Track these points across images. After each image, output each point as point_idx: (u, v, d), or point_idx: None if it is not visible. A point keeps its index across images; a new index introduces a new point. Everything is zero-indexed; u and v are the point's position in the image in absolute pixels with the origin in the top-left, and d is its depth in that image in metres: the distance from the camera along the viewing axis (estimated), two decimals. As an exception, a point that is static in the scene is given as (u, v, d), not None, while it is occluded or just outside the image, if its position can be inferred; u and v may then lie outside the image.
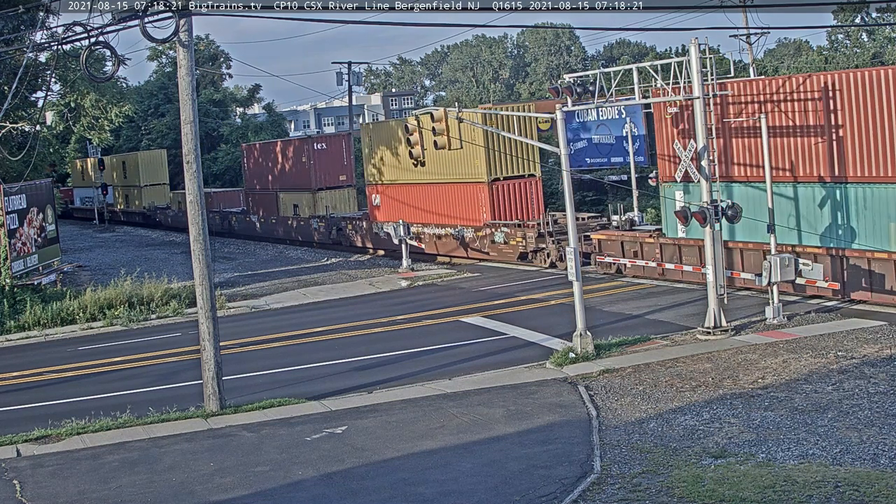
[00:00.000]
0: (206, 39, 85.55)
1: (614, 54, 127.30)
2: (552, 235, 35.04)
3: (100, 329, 31.48)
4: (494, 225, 37.53)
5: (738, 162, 27.12)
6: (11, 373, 25.59)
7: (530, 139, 33.52)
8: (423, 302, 31.47)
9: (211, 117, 77.20)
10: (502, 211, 37.87)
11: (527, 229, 36.05)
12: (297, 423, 18.48)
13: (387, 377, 21.76)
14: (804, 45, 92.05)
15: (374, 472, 15.35)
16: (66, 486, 15.87)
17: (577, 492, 13.68)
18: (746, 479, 13.44)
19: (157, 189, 68.81)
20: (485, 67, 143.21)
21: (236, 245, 55.21)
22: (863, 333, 21.67)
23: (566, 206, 23.00)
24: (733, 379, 19.02)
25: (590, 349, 21.78)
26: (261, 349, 26.39)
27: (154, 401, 20.49)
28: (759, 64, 57.40)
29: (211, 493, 15.02)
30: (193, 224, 19.85)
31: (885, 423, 15.62)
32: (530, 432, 16.76)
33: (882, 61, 57.86)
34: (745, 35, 48.99)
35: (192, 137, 19.71)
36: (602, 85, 24.88)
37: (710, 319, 22.98)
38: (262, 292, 36.38)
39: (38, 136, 38.50)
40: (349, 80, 68.33)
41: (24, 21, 37.45)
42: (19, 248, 35.54)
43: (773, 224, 24.24)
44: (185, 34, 19.04)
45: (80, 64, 21.12)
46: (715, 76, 24.16)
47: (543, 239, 35.28)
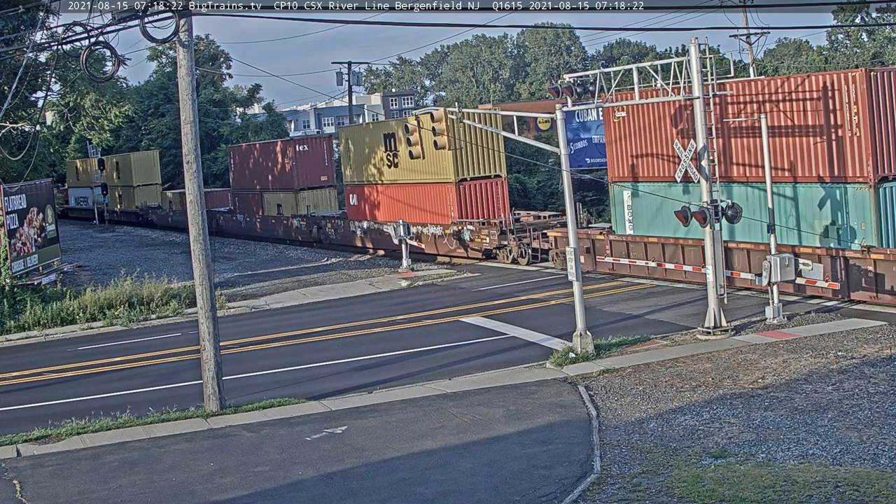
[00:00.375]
0: (206, 39, 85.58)
1: (614, 54, 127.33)
2: (514, 233, 36.84)
3: (100, 329, 31.48)
4: (461, 223, 38.83)
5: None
6: (11, 373, 25.60)
7: (528, 139, 33.52)
8: (423, 302, 31.47)
9: (211, 117, 77.18)
10: (470, 210, 39.29)
11: (490, 227, 37.51)
12: (297, 423, 18.48)
13: (387, 377, 21.76)
14: (804, 45, 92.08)
15: (374, 472, 15.35)
16: (66, 486, 15.87)
17: (577, 492, 13.68)
18: (746, 479, 13.44)
19: (150, 189, 70.11)
20: (485, 67, 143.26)
21: (236, 245, 55.24)
22: (863, 333, 21.67)
23: (566, 206, 23.00)
24: (733, 379, 19.02)
25: (590, 349, 21.78)
26: (261, 349, 26.39)
27: (154, 401, 20.50)
28: (759, 64, 57.41)
29: (211, 493, 15.02)
30: (193, 224, 19.84)
31: (885, 423, 15.62)
32: (530, 432, 16.76)
33: (882, 61, 57.86)
34: (745, 35, 49.00)
35: (192, 137, 19.71)
36: (602, 85, 24.87)
37: (710, 319, 22.98)
38: (262, 292, 36.38)
39: (38, 136, 38.50)
40: (349, 80, 68.33)
41: (24, 21, 37.46)
42: (19, 248, 35.55)
43: (773, 224, 24.25)
44: (185, 34, 19.04)
45: (80, 64, 21.13)
46: (715, 76, 24.16)
47: (506, 236, 36.91)
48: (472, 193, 39.41)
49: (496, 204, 39.47)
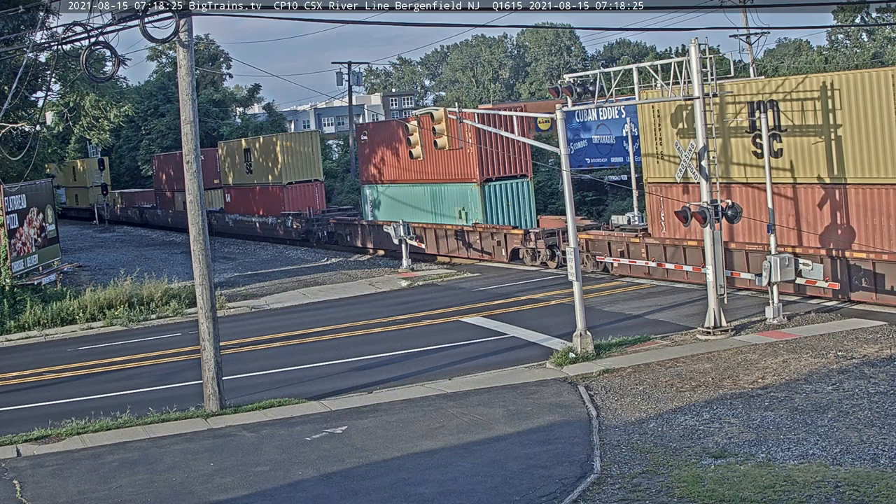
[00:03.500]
0: (206, 39, 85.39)
1: (614, 54, 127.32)
2: (539, 237, 37.30)
3: (100, 329, 31.49)
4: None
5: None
6: (11, 373, 25.60)
7: (527, 139, 33.52)
8: (423, 302, 31.48)
9: (211, 117, 77.11)
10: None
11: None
12: (297, 423, 18.48)
13: (387, 377, 21.77)
14: (804, 45, 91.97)
15: (374, 472, 15.35)
16: (66, 486, 15.87)
17: (577, 492, 13.69)
18: (746, 479, 13.44)
19: (98, 189, 80.00)
20: (485, 67, 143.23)
21: (236, 245, 55.32)
22: (863, 333, 21.67)
23: (566, 206, 22.98)
24: (733, 379, 19.02)
25: (590, 349, 21.78)
26: (261, 349, 26.39)
27: (154, 401, 20.50)
28: (759, 64, 57.39)
29: (211, 493, 15.02)
30: (193, 224, 19.84)
31: (885, 423, 15.63)
32: (530, 432, 16.77)
33: (882, 61, 57.83)
34: (745, 35, 48.98)
35: (192, 137, 19.71)
36: (602, 85, 24.87)
37: (710, 319, 22.98)
38: (262, 292, 36.39)
39: (38, 136, 38.46)
40: (349, 80, 68.31)
41: (24, 21, 37.45)
42: (19, 248, 35.55)
43: (773, 224, 24.25)
44: (185, 34, 19.04)
45: (80, 64, 21.14)
46: (715, 76, 24.16)
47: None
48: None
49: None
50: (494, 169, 38.26)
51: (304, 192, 52.20)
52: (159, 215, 70.35)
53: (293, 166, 52.24)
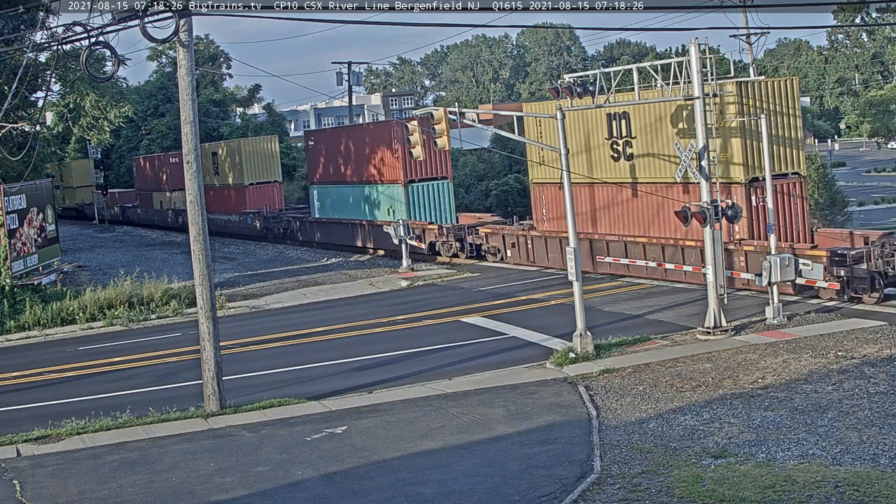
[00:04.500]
0: (206, 39, 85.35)
1: (614, 54, 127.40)
2: (451, 231, 40.38)
3: (100, 329, 31.48)
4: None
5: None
6: (11, 373, 25.60)
7: (528, 139, 33.53)
8: (423, 302, 31.48)
9: (211, 117, 77.11)
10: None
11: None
12: (297, 423, 18.48)
13: (387, 377, 21.76)
14: (804, 45, 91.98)
15: (374, 472, 15.35)
16: (66, 486, 15.87)
17: (577, 492, 13.68)
18: (746, 479, 13.44)
19: (86, 189, 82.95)
20: (485, 67, 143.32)
21: (237, 245, 55.37)
22: (863, 333, 21.68)
23: (566, 207, 22.96)
24: (733, 379, 19.02)
25: (590, 349, 21.78)
26: (261, 349, 26.39)
27: (154, 401, 20.49)
28: (759, 64, 57.39)
29: (211, 493, 15.02)
30: (193, 224, 19.83)
31: (885, 423, 15.63)
32: (530, 432, 16.76)
33: (882, 61, 57.87)
34: (745, 35, 48.97)
35: (192, 137, 19.71)
36: (602, 85, 24.89)
37: (710, 319, 22.98)
38: (262, 292, 36.38)
39: (38, 136, 38.46)
40: (349, 80, 68.25)
41: (24, 21, 37.43)
42: (19, 248, 35.54)
43: (774, 224, 24.26)
44: (185, 34, 19.03)
45: (80, 64, 21.14)
46: (715, 76, 24.16)
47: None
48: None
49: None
50: (418, 171, 41.63)
51: (264, 192, 56.33)
52: (139, 214, 74.61)
53: (254, 168, 56.45)
